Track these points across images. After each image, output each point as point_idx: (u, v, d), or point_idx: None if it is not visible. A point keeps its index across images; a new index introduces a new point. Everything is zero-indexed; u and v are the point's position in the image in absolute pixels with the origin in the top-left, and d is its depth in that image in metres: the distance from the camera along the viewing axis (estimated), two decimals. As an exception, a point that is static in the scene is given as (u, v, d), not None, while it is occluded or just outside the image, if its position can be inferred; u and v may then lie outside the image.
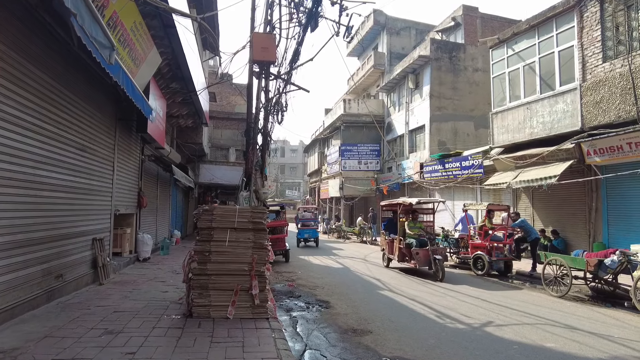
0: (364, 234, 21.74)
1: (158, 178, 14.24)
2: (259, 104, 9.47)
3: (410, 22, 28.87)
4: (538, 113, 12.42)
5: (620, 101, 9.97)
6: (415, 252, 10.34)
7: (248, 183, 9.46)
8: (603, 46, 10.61)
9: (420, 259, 10.29)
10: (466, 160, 16.77)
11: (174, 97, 12.62)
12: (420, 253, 10.29)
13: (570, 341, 5.23)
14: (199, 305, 5.40)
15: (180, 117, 14.90)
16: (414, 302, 7.47)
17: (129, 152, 10.29)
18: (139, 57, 7.60)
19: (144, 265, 10.42)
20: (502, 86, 14.10)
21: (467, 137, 21.51)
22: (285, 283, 9.29)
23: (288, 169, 67.46)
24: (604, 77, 10.46)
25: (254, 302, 5.45)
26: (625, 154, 9.89)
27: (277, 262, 12.37)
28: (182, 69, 10.53)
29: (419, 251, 10.32)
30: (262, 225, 5.71)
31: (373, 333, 5.53)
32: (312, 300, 7.56)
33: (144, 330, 4.79)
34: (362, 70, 29.91)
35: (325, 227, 28.63)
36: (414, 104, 23.09)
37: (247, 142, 9.61)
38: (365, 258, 14.52)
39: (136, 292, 7.00)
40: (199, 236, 5.62)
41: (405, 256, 11.10)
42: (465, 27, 22.53)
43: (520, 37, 13.18)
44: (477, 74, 21.79)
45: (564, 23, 11.68)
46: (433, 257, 10.03)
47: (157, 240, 13.75)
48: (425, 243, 10.50)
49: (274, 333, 4.86)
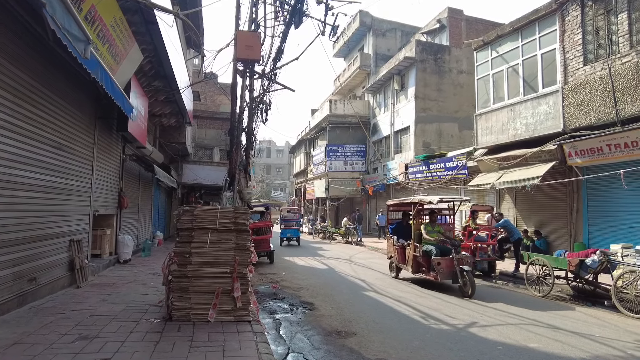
0: (349, 235, 21.72)
1: (140, 178, 13.95)
2: (244, 103, 9.34)
3: (396, 24, 29.04)
4: (521, 115, 12.56)
5: (601, 103, 10.13)
6: (437, 262, 8.49)
7: (232, 183, 9.32)
8: (584, 49, 10.78)
9: (442, 270, 8.49)
10: (450, 161, 16.90)
11: (157, 95, 12.38)
12: (443, 263, 8.51)
13: (553, 341, 5.24)
14: (178, 309, 5.25)
15: (163, 116, 14.64)
16: (399, 303, 7.44)
17: (109, 151, 10.04)
18: (119, 53, 7.41)
19: (124, 267, 10.17)
20: (486, 88, 14.23)
21: (451, 138, 21.69)
22: (269, 285, 9.17)
23: (274, 169, 67.19)
24: (585, 79, 10.62)
25: (236, 304, 5.32)
26: (605, 155, 10.06)
27: (261, 264, 12.23)
28: (164, 66, 10.33)
29: (440, 261, 8.52)
30: (245, 226, 5.59)
31: (357, 335, 5.46)
32: (296, 302, 7.46)
33: (121, 334, 4.62)
34: (348, 71, 29.95)
35: (311, 228, 28.53)
36: (399, 105, 23.19)
37: (231, 141, 9.47)
38: (350, 259, 14.47)
39: (115, 295, 6.80)
40: (179, 237, 5.47)
41: (421, 266, 9.24)
42: (450, 29, 22.74)
43: (504, 40, 13.32)
44: (462, 75, 22.00)
45: (546, 26, 11.84)
46: (460, 269, 8.26)
47: (139, 241, 13.47)
48: (448, 251, 8.68)
49: (256, 336, 4.75)
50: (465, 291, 8.10)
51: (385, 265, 12.93)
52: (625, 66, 9.65)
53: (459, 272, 8.26)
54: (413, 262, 9.35)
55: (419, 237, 9.39)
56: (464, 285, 8.19)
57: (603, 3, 10.36)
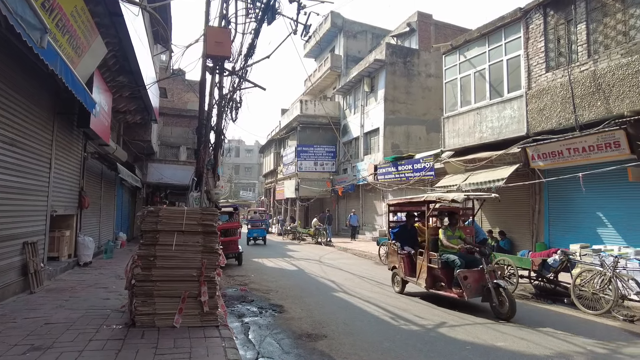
0: (319, 235, 21.70)
1: (102, 177, 13.38)
2: (213, 101, 9.11)
3: (367, 26, 29.30)
4: (487, 118, 12.91)
5: (561, 109, 10.55)
6: (463, 276, 6.78)
7: (199, 183, 9.06)
8: (546, 57, 11.19)
9: (470, 286, 6.76)
10: (418, 163, 17.19)
11: (121, 91, 11.90)
12: (470, 277, 6.80)
13: (519, 339, 5.37)
14: (142, 314, 5.02)
15: (127, 112, 14.11)
16: (369, 304, 7.45)
17: (69, 149, 9.54)
18: (81, 45, 7.05)
19: (84, 270, 9.69)
20: (453, 91, 14.54)
21: (419, 140, 22.09)
22: (238, 287, 8.98)
23: (243, 169, 66.37)
24: (547, 86, 11.03)
25: (203, 309, 5.15)
26: (565, 158, 10.48)
27: (229, 266, 11.98)
28: (130, 61, 9.93)
29: (467, 274, 6.82)
30: (213, 228, 5.42)
31: (328, 337, 5.41)
32: (265, 305, 7.33)
33: (79, 343, 4.36)
34: (319, 71, 29.97)
35: (280, 229, 28.32)
36: (369, 107, 23.39)
37: (198, 140, 9.21)
38: (320, 260, 14.43)
39: (73, 300, 6.44)
40: (143, 239, 5.23)
41: (438, 280, 7.56)
42: (420, 33, 23.14)
43: (472, 45, 13.66)
44: (430, 79, 22.44)
45: (511, 33, 12.23)
46: (494, 284, 6.59)
47: (100, 243, 12.91)
48: (475, 262, 7.08)
49: (224, 342, 4.60)
50: (502, 312, 6.42)
51: (358, 266, 12.99)
52: (583, 74, 10.09)
53: (493, 289, 6.58)
54: (428, 276, 7.56)
55: (436, 244, 7.72)
56: (499, 305, 6.49)
57: (564, 13, 10.79)
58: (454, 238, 7.57)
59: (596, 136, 9.65)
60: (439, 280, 7.54)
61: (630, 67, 9.05)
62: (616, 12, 9.66)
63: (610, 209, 10.04)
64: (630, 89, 9.03)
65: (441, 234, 7.58)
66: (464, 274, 6.83)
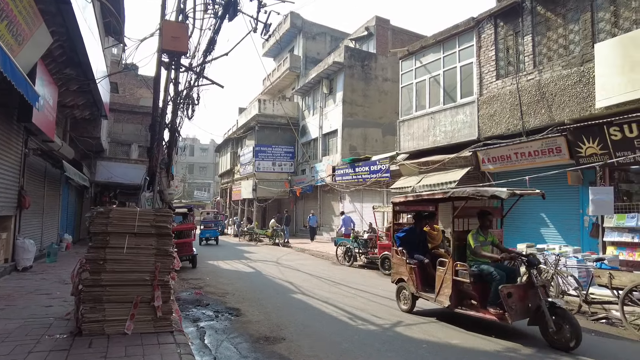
0: (276, 237, 21.55)
1: (46, 175, 12.54)
2: (167, 97, 8.78)
3: (326, 28, 29.50)
4: (441, 122, 13.38)
5: (510, 115, 11.13)
6: (506, 293, 5.31)
7: (152, 183, 8.69)
8: (496, 65, 11.77)
9: (515, 305, 5.31)
10: (375, 165, 17.54)
11: (69, 84, 11.20)
12: (516, 294, 5.39)
13: (473, 336, 5.59)
14: (90, 321, 4.73)
15: (75, 107, 13.29)
16: (327, 305, 7.47)
17: (8, 145, 8.86)
18: (22, 33, 6.56)
19: (23, 275, 9.02)
20: (409, 96, 14.95)
21: (375, 142, 22.52)
22: (192, 291, 8.71)
23: (197, 168, 64.58)
24: (497, 93, 11.60)
25: (157, 314, 4.94)
26: (513, 162, 11.07)
27: (183, 269, 11.60)
28: (78, 53, 9.36)
29: (512, 290, 5.39)
30: (167, 230, 5.21)
31: (286, 340, 5.36)
32: (221, 309, 7.16)
33: (16, 356, 4.03)
34: (278, 71, 29.80)
35: (237, 230, 27.82)
36: (328, 108, 23.56)
37: (152, 137, 8.83)
38: (278, 261, 14.31)
39: (10, 309, 5.95)
40: (92, 242, 4.94)
41: (467, 297, 6.10)
42: (378, 37, 23.61)
43: (428, 51, 14.10)
44: (387, 83, 22.93)
45: (465, 41, 12.75)
46: (550, 303, 5.20)
47: (43, 245, 12.08)
48: (514, 274, 5.88)
49: (179, 348, 4.44)
50: (563, 341, 4.98)
51: (316, 267, 13.00)
52: (529, 83, 10.70)
53: (546, 310, 5.11)
54: (453, 292, 6.05)
55: (461, 251, 6.39)
56: (557, 331, 5.03)
57: (512, 25, 11.40)
58: (486, 244, 6.22)
59: (540, 142, 10.26)
60: (468, 297, 6.08)
61: (570, 78, 9.71)
62: (558, 27, 10.33)
63: (551, 210, 10.70)
64: (570, 98, 9.68)
65: (471, 239, 6.20)
66: (508, 290, 5.37)
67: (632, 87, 8.30)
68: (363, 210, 18.91)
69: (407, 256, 7.18)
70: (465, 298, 6.12)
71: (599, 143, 9.02)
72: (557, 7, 10.31)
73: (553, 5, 10.38)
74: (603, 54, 8.91)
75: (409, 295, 7.03)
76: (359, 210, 19.30)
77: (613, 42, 8.84)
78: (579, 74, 9.53)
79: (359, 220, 18.44)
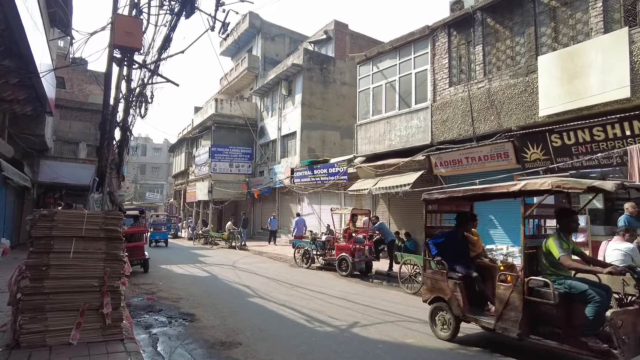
0: (233, 239, 21.17)
1: (-21, 175, 11.61)
2: (119, 95, 8.39)
3: (285, 30, 29.45)
4: (396, 127, 13.73)
5: (461, 121, 11.62)
6: (617, 324, 3.94)
7: (101, 184, 8.27)
8: (449, 73, 12.26)
9: (628, 337, 3.94)
10: (333, 167, 17.73)
11: (7, 77, 10.40)
12: (628, 321, 4.01)
13: (427, 335, 5.75)
14: (30, 332, 4.41)
15: (15, 102, 12.37)
16: (284, 308, 7.43)
17: None
18: (-47, 21, 6.04)
19: (-48, 283, 8.28)
20: (366, 100, 15.24)
21: (334, 145, 22.74)
22: (144, 296, 8.38)
23: (150, 169, 62.23)
24: (450, 99, 12.08)
25: (106, 322, 4.70)
26: (464, 166, 11.56)
27: (134, 273, 11.12)
28: (19, 43, 8.74)
29: (624, 317, 4.01)
30: (117, 234, 4.98)
31: (243, 345, 5.28)
32: (175, 314, 6.93)
33: (-54, 371, 3.71)
34: (236, 71, 29.36)
35: (191, 233, 27.04)
36: (287, 110, 23.51)
37: (102, 136, 8.41)
38: (234, 264, 14.07)
39: (-63, 320, 5.46)
40: (34, 247, 4.62)
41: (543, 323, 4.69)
42: (336, 41, 23.88)
43: (384, 57, 14.44)
44: (345, 87, 23.22)
45: (420, 48, 13.18)
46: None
47: (-25, 251, 11.16)
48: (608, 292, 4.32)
49: (129, 356, 4.25)
50: None
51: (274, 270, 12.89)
52: (480, 91, 11.23)
53: None
54: (524, 316, 4.63)
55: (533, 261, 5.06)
56: None
57: (465, 34, 11.92)
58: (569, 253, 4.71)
59: (490, 147, 10.79)
60: (545, 324, 4.68)
61: (517, 87, 10.29)
62: (506, 39, 10.93)
63: (499, 212, 11.25)
64: (517, 106, 10.26)
65: (554, 247, 4.60)
66: (620, 316, 3.97)
67: (570, 98, 8.94)
68: (321, 212, 19.00)
69: (447, 269, 5.68)
70: (542, 324, 4.69)
71: (542, 149, 9.62)
72: (504, 20, 10.91)
73: (501, 18, 10.97)
74: (545, 66, 9.53)
75: (451, 318, 5.52)
76: (317, 212, 19.38)
77: (554, 56, 9.48)
78: (524, 83, 10.12)
79: (317, 222, 18.51)
